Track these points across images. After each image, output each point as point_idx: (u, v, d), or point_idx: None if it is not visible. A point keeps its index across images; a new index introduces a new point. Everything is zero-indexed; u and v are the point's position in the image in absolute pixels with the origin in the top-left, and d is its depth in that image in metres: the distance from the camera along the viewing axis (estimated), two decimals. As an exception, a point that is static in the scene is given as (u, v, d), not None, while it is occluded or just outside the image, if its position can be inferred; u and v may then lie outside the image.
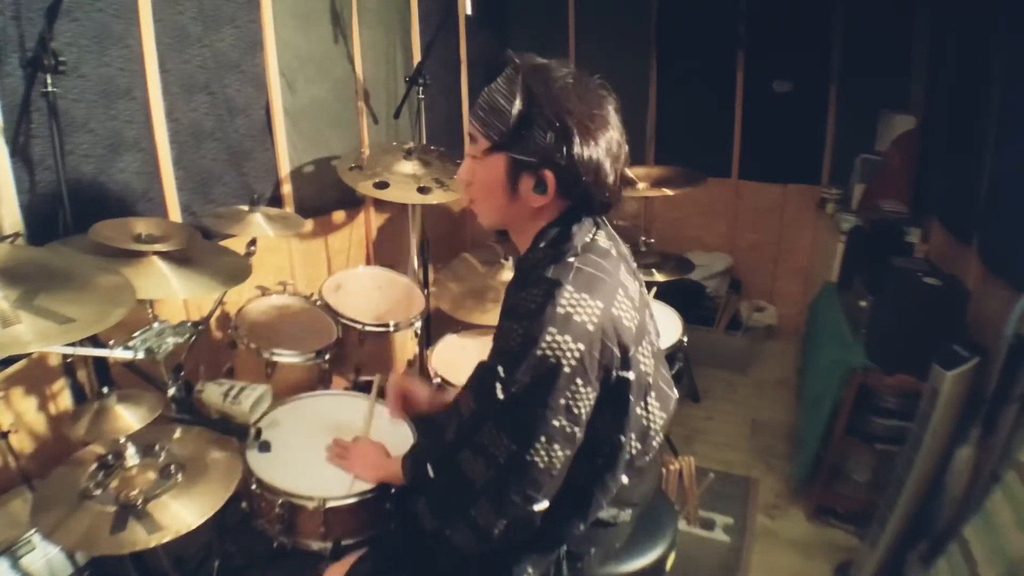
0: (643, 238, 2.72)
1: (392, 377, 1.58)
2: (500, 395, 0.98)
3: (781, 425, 2.88)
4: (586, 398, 0.99)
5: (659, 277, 2.54)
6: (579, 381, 0.97)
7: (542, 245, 1.07)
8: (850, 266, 2.69)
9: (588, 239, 1.06)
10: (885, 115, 3.10)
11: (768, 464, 2.62)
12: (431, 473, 1.10)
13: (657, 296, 2.36)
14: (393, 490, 1.32)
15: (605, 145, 1.01)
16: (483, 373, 1.03)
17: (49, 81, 1.41)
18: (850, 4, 3.20)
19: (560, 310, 0.96)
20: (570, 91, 1.00)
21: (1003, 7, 2.00)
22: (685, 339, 2.16)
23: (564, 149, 0.98)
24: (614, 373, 1.01)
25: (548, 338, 0.95)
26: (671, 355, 2.12)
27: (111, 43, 1.68)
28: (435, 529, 1.08)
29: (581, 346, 0.96)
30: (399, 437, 1.47)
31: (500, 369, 0.99)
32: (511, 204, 1.07)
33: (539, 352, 0.95)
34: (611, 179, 1.04)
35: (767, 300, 3.78)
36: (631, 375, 1.02)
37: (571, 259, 1.02)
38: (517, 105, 1.00)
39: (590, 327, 0.97)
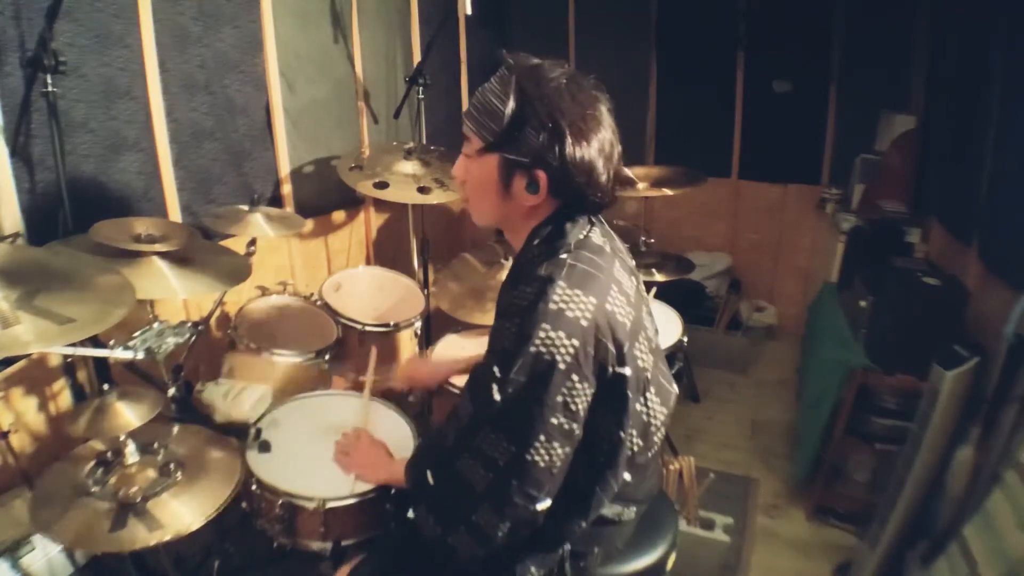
0: (643, 238, 2.72)
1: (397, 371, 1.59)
2: (496, 396, 0.98)
3: (781, 425, 2.87)
4: (583, 394, 0.99)
5: (659, 277, 2.54)
6: (575, 377, 0.97)
7: (536, 243, 1.07)
8: (850, 266, 2.68)
9: (582, 236, 1.06)
10: (885, 115, 3.09)
11: (768, 464, 2.62)
12: (431, 480, 1.09)
13: (657, 296, 2.36)
14: (393, 491, 1.32)
15: (598, 145, 1.01)
16: (478, 375, 1.03)
17: (49, 81, 1.41)
18: (850, 4, 3.20)
19: (552, 306, 0.96)
20: (563, 91, 1.00)
21: (1003, 7, 2.00)
22: (685, 339, 2.16)
23: (556, 149, 0.99)
24: (610, 369, 1.01)
25: (541, 335, 0.95)
26: (671, 355, 2.12)
27: (111, 43, 1.69)
28: (437, 537, 1.07)
29: (575, 342, 0.96)
30: (399, 437, 1.47)
31: (495, 369, 0.98)
32: (504, 203, 1.07)
33: (532, 349, 0.95)
34: (604, 179, 1.04)
35: (767, 300, 3.77)
36: (628, 371, 1.02)
37: (564, 256, 1.02)
38: (510, 105, 1.00)
39: (583, 323, 0.97)
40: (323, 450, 1.42)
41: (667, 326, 2.19)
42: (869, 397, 2.14)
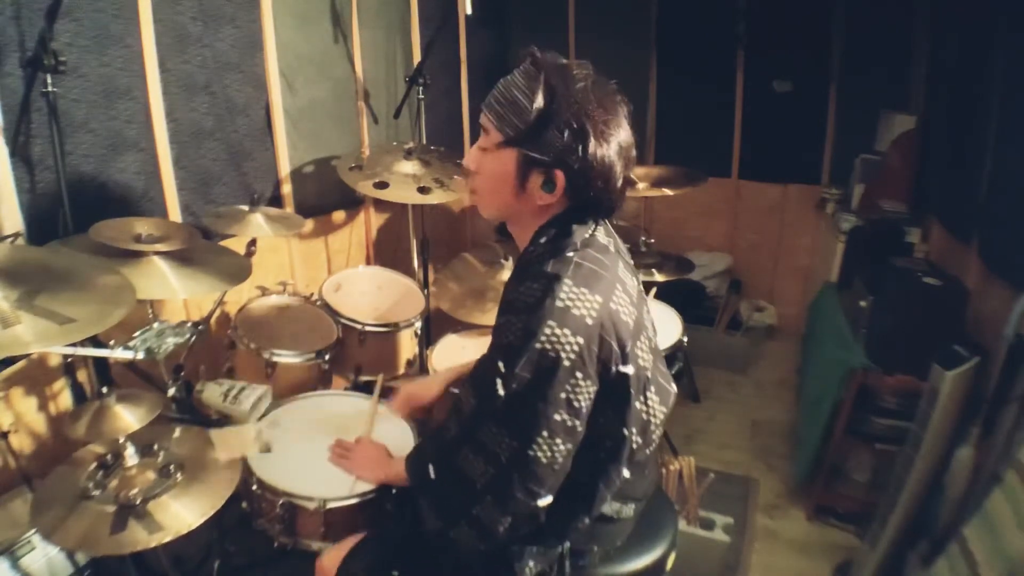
0: (643, 238, 2.72)
1: (398, 393, 1.56)
2: (500, 391, 0.98)
3: (781, 425, 2.87)
4: (586, 392, 0.99)
5: (659, 277, 2.53)
6: (579, 375, 0.97)
7: (542, 241, 1.07)
8: (850, 266, 2.68)
9: (587, 235, 1.07)
10: (885, 115, 3.09)
11: (768, 464, 2.62)
12: (432, 474, 1.09)
13: (657, 296, 2.36)
14: (394, 491, 1.32)
15: (617, 150, 1.01)
16: (483, 369, 1.03)
17: (49, 81, 1.41)
18: (850, 4, 3.20)
19: (559, 304, 0.96)
20: (589, 93, 1.00)
21: (1003, 7, 2.00)
22: (685, 339, 2.16)
23: (579, 151, 0.98)
24: (613, 368, 1.01)
25: (547, 331, 0.95)
26: (671, 355, 2.12)
27: (111, 43, 1.68)
28: (438, 530, 1.07)
29: (580, 340, 0.96)
30: (401, 438, 1.47)
31: (500, 364, 0.99)
32: (516, 199, 1.06)
33: (538, 346, 0.95)
34: (619, 183, 1.04)
35: (767, 300, 3.78)
36: (630, 370, 1.03)
37: (570, 254, 1.02)
38: (538, 102, 0.99)
39: (589, 321, 0.97)
40: (323, 450, 1.42)
41: (667, 326, 2.19)
42: (869, 397, 2.14)
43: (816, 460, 2.29)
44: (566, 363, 0.96)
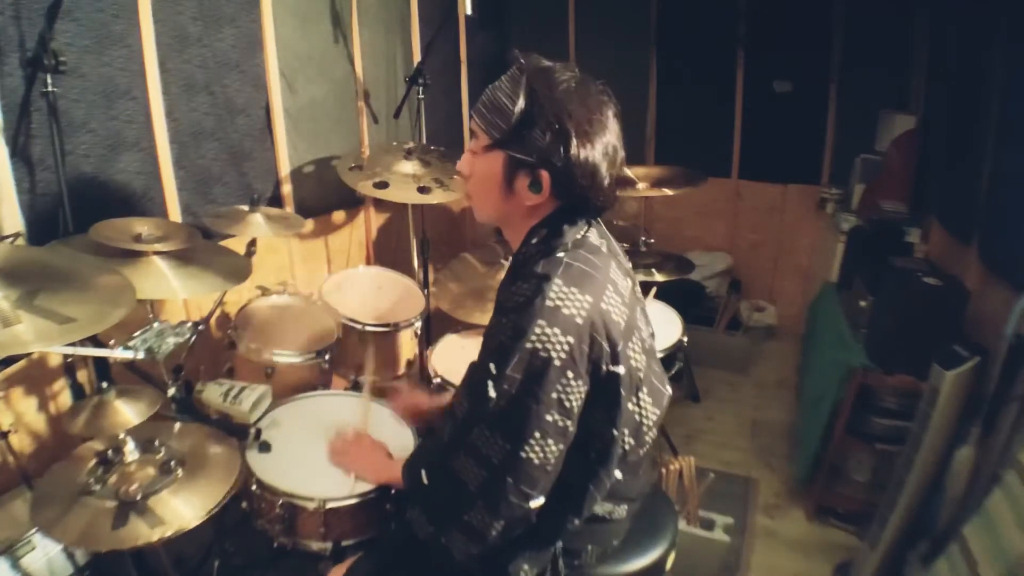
0: (643, 238, 2.72)
1: (395, 399, 1.58)
2: (492, 393, 0.98)
3: (781, 425, 2.87)
4: (577, 391, 0.99)
5: (659, 277, 2.53)
6: (569, 374, 0.98)
7: (534, 242, 1.08)
8: (850, 266, 2.69)
9: (579, 236, 1.08)
10: (885, 115, 3.09)
11: (768, 464, 2.62)
12: (424, 479, 1.10)
13: (657, 296, 2.36)
14: (393, 491, 1.32)
15: (602, 149, 1.02)
16: (474, 372, 1.04)
17: (49, 81, 1.41)
18: (850, 3, 3.20)
19: (549, 303, 0.97)
20: (572, 94, 1.01)
21: (1003, 7, 2.00)
22: (685, 339, 2.16)
23: (561, 150, 0.99)
24: (604, 368, 1.02)
25: (537, 331, 0.96)
26: (671, 355, 2.12)
27: (111, 43, 1.69)
28: (430, 537, 1.08)
29: (570, 339, 0.97)
30: (401, 440, 1.47)
31: (491, 366, 0.99)
32: (506, 201, 1.08)
33: (528, 345, 0.96)
34: (606, 182, 1.05)
35: (767, 300, 3.78)
36: (621, 370, 1.03)
37: (561, 254, 1.03)
38: (519, 104, 1.01)
39: (579, 320, 0.98)
40: (323, 450, 1.42)
41: (667, 326, 2.19)
42: (869, 397, 2.14)
43: (816, 460, 2.29)
44: (557, 363, 0.96)
